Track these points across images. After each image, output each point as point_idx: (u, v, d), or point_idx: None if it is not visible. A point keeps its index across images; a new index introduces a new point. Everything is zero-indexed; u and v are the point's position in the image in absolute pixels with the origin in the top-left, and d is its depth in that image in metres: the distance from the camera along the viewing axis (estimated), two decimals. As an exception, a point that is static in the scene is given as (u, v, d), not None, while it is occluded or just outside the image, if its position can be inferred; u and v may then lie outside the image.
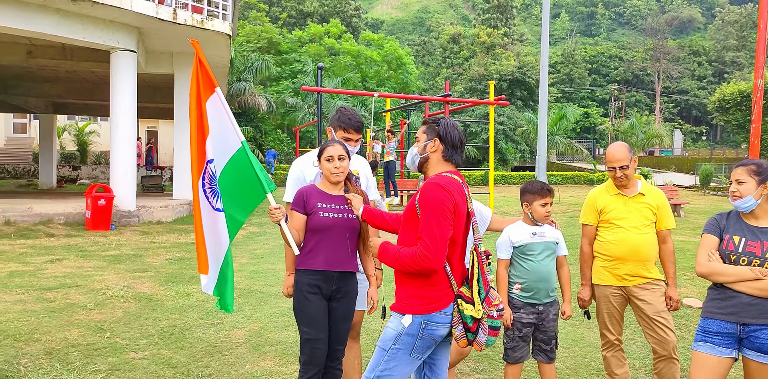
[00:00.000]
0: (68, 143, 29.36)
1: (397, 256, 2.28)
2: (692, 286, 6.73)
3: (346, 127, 3.12)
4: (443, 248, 2.20)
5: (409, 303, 2.29)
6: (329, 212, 2.80)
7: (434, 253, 2.18)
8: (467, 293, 2.31)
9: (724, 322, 2.60)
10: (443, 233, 2.20)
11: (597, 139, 50.48)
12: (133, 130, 11.65)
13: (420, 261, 2.19)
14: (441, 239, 2.19)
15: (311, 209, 2.80)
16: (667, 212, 3.26)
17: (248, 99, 28.25)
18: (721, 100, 35.70)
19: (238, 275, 6.89)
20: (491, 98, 12.31)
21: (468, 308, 2.26)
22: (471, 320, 2.26)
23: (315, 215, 2.79)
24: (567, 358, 4.23)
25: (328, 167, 2.83)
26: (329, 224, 2.78)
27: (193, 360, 4.00)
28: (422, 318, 2.26)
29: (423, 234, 2.20)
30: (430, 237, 2.19)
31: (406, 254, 2.24)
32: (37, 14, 9.85)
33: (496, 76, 38.47)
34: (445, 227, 2.21)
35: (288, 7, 54.44)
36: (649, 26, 67.47)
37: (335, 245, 2.80)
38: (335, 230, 2.79)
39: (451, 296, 2.30)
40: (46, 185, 20.47)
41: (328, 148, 2.85)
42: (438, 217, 2.20)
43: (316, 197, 2.84)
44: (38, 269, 6.94)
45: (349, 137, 3.12)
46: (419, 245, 2.21)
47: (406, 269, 2.26)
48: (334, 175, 2.83)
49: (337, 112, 3.19)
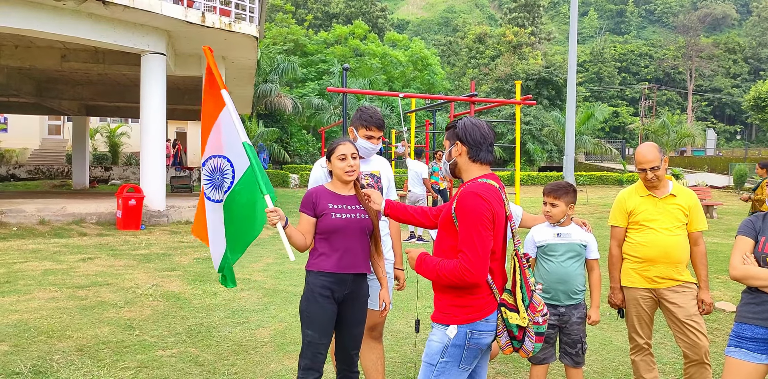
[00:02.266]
0: (100, 145, 30.06)
1: (437, 269, 2.19)
2: (725, 289, 6.55)
3: (367, 125, 3.10)
4: (485, 261, 2.13)
5: (452, 313, 2.22)
6: (341, 213, 2.73)
7: (476, 267, 2.10)
8: (510, 300, 2.24)
9: (759, 327, 2.52)
10: (484, 245, 2.12)
11: (627, 139, 49.59)
12: (162, 131, 11.86)
13: (462, 276, 2.12)
14: (482, 251, 2.12)
15: (322, 210, 2.73)
16: (699, 214, 3.17)
17: (274, 100, 28.55)
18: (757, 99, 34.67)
19: (263, 275, 6.96)
20: (518, 98, 12.17)
21: (513, 316, 2.19)
22: (517, 328, 2.20)
23: (327, 217, 2.71)
24: (595, 361, 4.16)
25: (341, 166, 2.75)
26: (342, 225, 2.71)
27: (220, 358, 4.04)
28: (467, 328, 2.20)
29: (463, 247, 2.13)
30: (471, 250, 2.11)
31: (447, 268, 2.16)
32: (71, 19, 10.10)
33: (523, 76, 38.10)
34: (486, 238, 2.13)
35: (314, 8, 54.84)
36: (681, 23, 66.05)
37: (348, 247, 2.73)
38: (348, 231, 2.72)
39: (494, 302, 2.24)
40: (79, 186, 20.99)
41: (339, 147, 2.77)
42: (478, 228, 2.12)
43: (327, 198, 2.76)
44: (71, 268, 7.11)
45: (371, 135, 3.10)
46: (460, 258, 2.13)
47: (447, 283, 2.18)
48: (348, 174, 2.75)
49: (357, 112, 3.18)
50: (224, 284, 2.97)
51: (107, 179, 25.50)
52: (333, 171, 2.81)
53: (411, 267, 2.39)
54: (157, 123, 11.65)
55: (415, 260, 2.31)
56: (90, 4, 9.81)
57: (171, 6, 10.61)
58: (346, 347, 2.84)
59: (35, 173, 25.61)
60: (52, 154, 28.64)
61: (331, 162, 2.80)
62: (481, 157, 2.33)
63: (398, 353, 4.27)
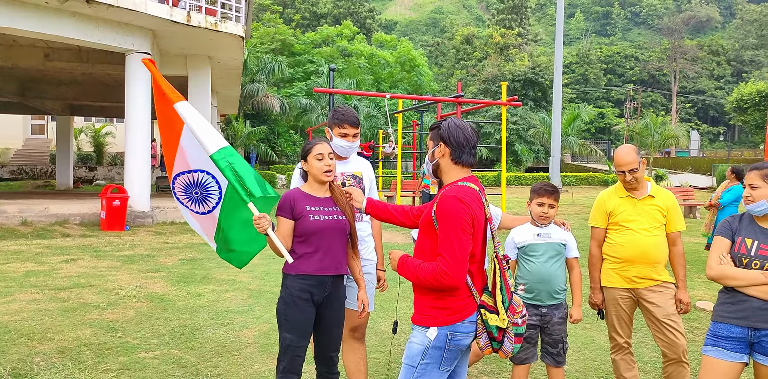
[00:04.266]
0: (85, 145, 29.75)
1: (417, 271, 2.21)
2: (706, 288, 6.64)
3: (340, 123, 3.07)
4: (464, 265, 2.15)
5: (432, 315, 2.23)
6: (320, 215, 2.71)
7: (454, 270, 2.12)
8: (489, 301, 2.26)
9: (734, 326, 2.56)
10: (463, 249, 2.15)
11: (612, 140, 50.01)
12: (147, 131, 11.78)
13: (440, 278, 2.13)
14: (461, 255, 2.14)
15: (300, 213, 2.69)
16: (677, 214, 3.22)
17: (261, 100, 28.43)
18: (739, 100, 35.19)
19: (248, 276, 6.93)
20: (504, 99, 12.25)
21: (492, 318, 2.21)
22: (496, 329, 2.22)
23: (305, 219, 2.69)
24: (577, 361, 4.20)
25: (319, 166, 2.72)
26: (321, 226, 2.69)
27: (203, 360, 4.03)
28: (447, 329, 2.21)
29: (442, 250, 2.15)
30: (449, 253, 2.13)
31: (426, 270, 2.18)
32: (54, 18, 9.99)
33: (510, 77, 38.32)
34: (465, 241, 2.15)
35: (302, 8, 54.69)
36: (666, 26, 66.76)
37: (327, 249, 2.72)
38: (327, 233, 2.70)
39: (473, 304, 2.26)
40: (63, 186, 20.76)
41: (316, 147, 2.75)
42: (457, 232, 2.14)
43: (304, 201, 2.73)
44: (53, 269, 7.03)
45: (345, 133, 3.08)
46: (439, 261, 2.15)
47: (426, 284, 2.20)
48: (327, 174, 2.73)
49: (331, 112, 3.19)
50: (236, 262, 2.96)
51: (92, 180, 25.25)
52: (309, 171, 2.78)
53: (392, 268, 2.40)
54: (142, 123, 11.56)
55: (397, 261, 2.33)
56: (73, 3, 9.71)
57: (156, 5, 10.53)
58: (325, 349, 2.84)
59: (18, 173, 25.29)
60: (36, 154, 28.30)
61: (308, 162, 2.76)
62: (463, 159, 2.33)
63: (382, 353, 4.27)
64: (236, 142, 27.50)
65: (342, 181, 3.14)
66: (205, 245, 9.37)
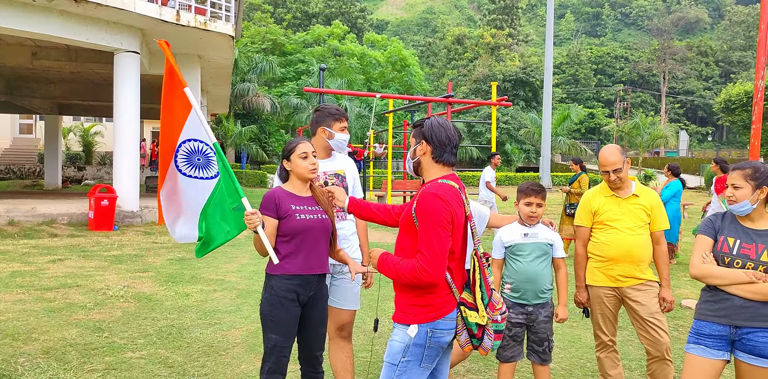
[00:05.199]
0: (73, 144, 29.52)
1: (397, 269, 2.22)
2: (692, 287, 6.70)
3: (339, 118, 3.13)
4: (443, 262, 2.16)
5: (412, 312, 2.24)
6: (305, 214, 2.70)
7: (434, 267, 2.13)
8: (469, 299, 2.27)
9: (716, 324, 2.59)
10: (442, 246, 2.16)
11: (602, 140, 50.33)
12: (136, 131, 11.71)
13: (419, 275, 2.14)
14: (440, 252, 2.15)
15: (285, 212, 2.67)
16: (661, 213, 3.24)
17: (252, 100, 28.35)
18: (727, 101, 35.50)
19: (237, 276, 6.91)
20: (494, 99, 12.29)
21: (472, 315, 2.22)
22: (476, 326, 2.22)
23: (291, 218, 2.67)
24: (563, 359, 4.23)
25: (304, 165, 2.72)
26: (307, 226, 2.68)
27: (190, 360, 4.01)
28: (428, 327, 2.22)
29: (422, 247, 2.15)
30: (429, 250, 2.14)
31: (406, 267, 2.19)
32: (41, 16, 9.91)
33: (501, 77, 38.47)
34: (444, 239, 2.16)
35: (293, 8, 54.59)
36: (655, 27, 67.26)
37: (312, 248, 2.71)
38: (312, 232, 2.70)
39: (453, 301, 2.27)
40: (51, 186, 20.59)
41: (300, 146, 2.74)
42: (437, 229, 2.15)
43: (288, 200, 2.71)
44: (40, 269, 6.98)
45: (344, 126, 3.14)
46: (418, 258, 2.16)
47: (405, 282, 2.21)
48: (312, 173, 2.74)
49: (321, 111, 3.18)
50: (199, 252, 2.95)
51: (80, 179, 25.07)
52: (293, 170, 2.76)
53: (372, 266, 2.41)
54: (131, 122, 11.49)
55: (377, 259, 2.33)
56: (61, 2, 9.64)
57: (145, 4, 10.47)
58: (311, 348, 2.82)
59: (6, 173, 25.05)
60: (24, 153, 28.04)
61: (291, 161, 2.75)
62: (444, 158, 2.34)
63: (369, 352, 4.28)
64: (227, 141, 27.40)
65: (325, 180, 3.14)
66: (193, 244, 9.32)
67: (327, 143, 3.16)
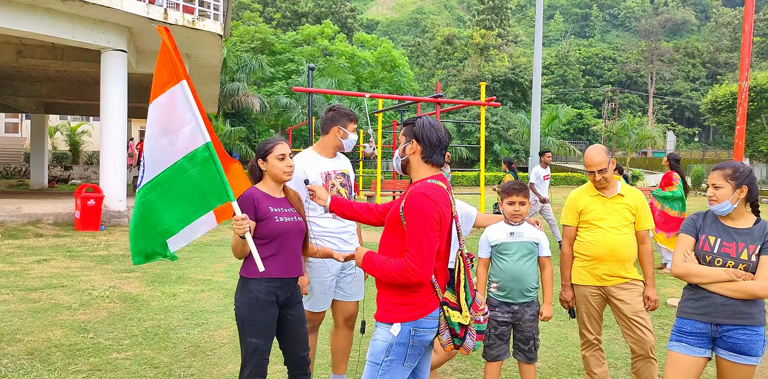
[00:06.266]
0: (60, 143, 29.21)
1: (383, 268, 2.21)
2: (678, 286, 6.77)
3: (353, 119, 3.31)
4: (431, 261, 2.17)
5: (396, 311, 2.24)
6: (283, 216, 2.68)
7: (422, 266, 2.14)
8: (452, 298, 2.27)
9: (698, 322, 2.62)
10: (431, 245, 2.16)
11: (590, 141, 50.64)
12: (123, 130, 11.61)
13: (407, 274, 2.14)
14: (428, 251, 2.15)
15: (264, 214, 2.64)
16: (646, 213, 3.27)
17: (242, 99, 28.19)
18: (714, 102, 35.88)
19: (225, 276, 6.88)
20: (482, 99, 12.33)
21: (455, 315, 2.23)
22: (458, 326, 2.23)
23: (270, 221, 2.64)
24: (549, 357, 4.25)
25: (281, 166, 2.70)
26: (286, 228, 2.66)
27: (176, 360, 3.99)
28: (410, 325, 2.22)
29: (410, 246, 2.16)
30: (417, 250, 2.14)
31: (393, 267, 2.18)
32: (26, 13, 9.81)
33: (490, 77, 38.63)
34: (433, 238, 2.17)
35: (282, 7, 54.36)
36: (643, 28, 67.73)
37: (290, 250, 2.70)
38: (291, 235, 2.68)
39: (436, 300, 2.27)
40: (37, 185, 20.36)
41: (278, 147, 2.72)
42: (425, 228, 2.15)
43: (266, 202, 2.68)
44: (24, 270, 6.91)
45: (355, 127, 3.32)
46: (406, 257, 2.16)
47: (392, 281, 2.20)
48: (287, 175, 2.73)
49: (335, 111, 3.30)
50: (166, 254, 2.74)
51: (67, 179, 24.80)
52: (269, 171, 2.74)
53: (357, 265, 2.41)
54: (118, 121, 11.40)
55: (362, 258, 2.33)
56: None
57: (132, 2, 10.38)
58: (295, 349, 2.81)
59: (-9, 172, 24.74)
60: (9, 152, 27.68)
61: (268, 162, 2.72)
62: (433, 158, 2.35)
63: (356, 352, 4.27)
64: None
65: (332, 181, 3.23)
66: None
67: (340, 142, 3.27)
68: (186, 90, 2.64)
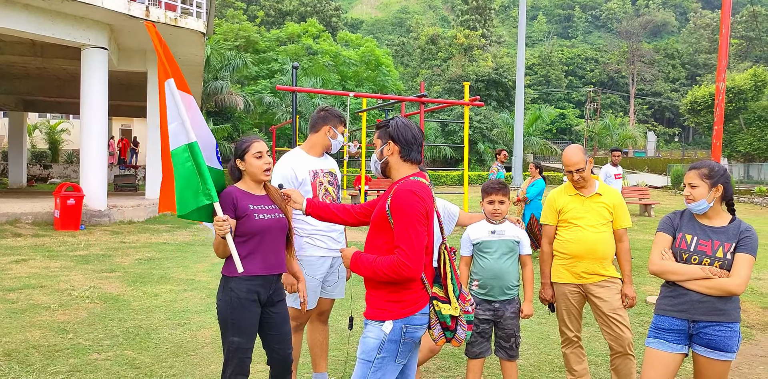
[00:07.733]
0: (39, 141, 28.75)
1: (374, 266, 2.22)
2: (657, 284, 6.87)
3: (343, 121, 3.36)
4: (422, 256, 2.19)
5: (387, 309, 2.25)
6: (263, 213, 2.67)
7: (413, 261, 2.15)
8: (440, 292, 2.30)
9: (675, 319, 2.67)
10: (420, 241, 2.18)
11: (573, 140, 51.05)
12: (104, 128, 11.47)
13: (399, 270, 2.15)
14: (418, 246, 2.17)
15: (243, 212, 2.63)
16: (623, 212, 3.33)
17: (225, 98, 27.97)
18: (693, 103, 36.41)
19: (207, 275, 6.84)
20: (466, 99, 12.38)
21: (445, 307, 2.26)
22: (450, 318, 2.26)
23: (250, 218, 2.63)
24: (531, 355, 4.30)
25: (259, 165, 2.69)
26: (266, 225, 2.65)
27: (158, 361, 3.96)
28: (402, 322, 2.24)
29: (400, 243, 2.17)
30: (408, 245, 2.16)
31: (384, 264, 2.19)
32: (5, 10, 9.64)
33: (473, 77, 38.79)
34: (422, 233, 2.19)
35: (266, 5, 54.06)
36: (624, 29, 68.49)
37: (271, 247, 2.69)
38: (271, 232, 2.67)
39: (426, 296, 2.30)
40: (16, 184, 20.04)
41: (254, 145, 2.70)
42: (414, 224, 2.18)
43: (245, 199, 2.66)
44: (2, 270, 6.79)
45: (344, 130, 3.37)
46: (397, 253, 2.17)
47: (384, 278, 2.21)
48: (266, 173, 2.72)
49: (329, 112, 3.33)
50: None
51: (47, 178, 24.43)
52: (247, 170, 2.73)
53: (345, 266, 2.42)
54: (99, 119, 11.26)
55: (349, 258, 2.33)
56: (25, -5, 9.40)
57: (113, -1, 10.27)
58: (279, 347, 2.79)
59: (-33, 171, 24.27)
60: (-13, 151, 27.19)
61: (245, 161, 2.71)
62: (411, 156, 2.39)
63: (341, 351, 4.29)
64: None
65: (320, 179, 3.25)
66: (163, 244, 9.20)
67: (329, 142, 3.31)
68: (173, 88, 2.62)
